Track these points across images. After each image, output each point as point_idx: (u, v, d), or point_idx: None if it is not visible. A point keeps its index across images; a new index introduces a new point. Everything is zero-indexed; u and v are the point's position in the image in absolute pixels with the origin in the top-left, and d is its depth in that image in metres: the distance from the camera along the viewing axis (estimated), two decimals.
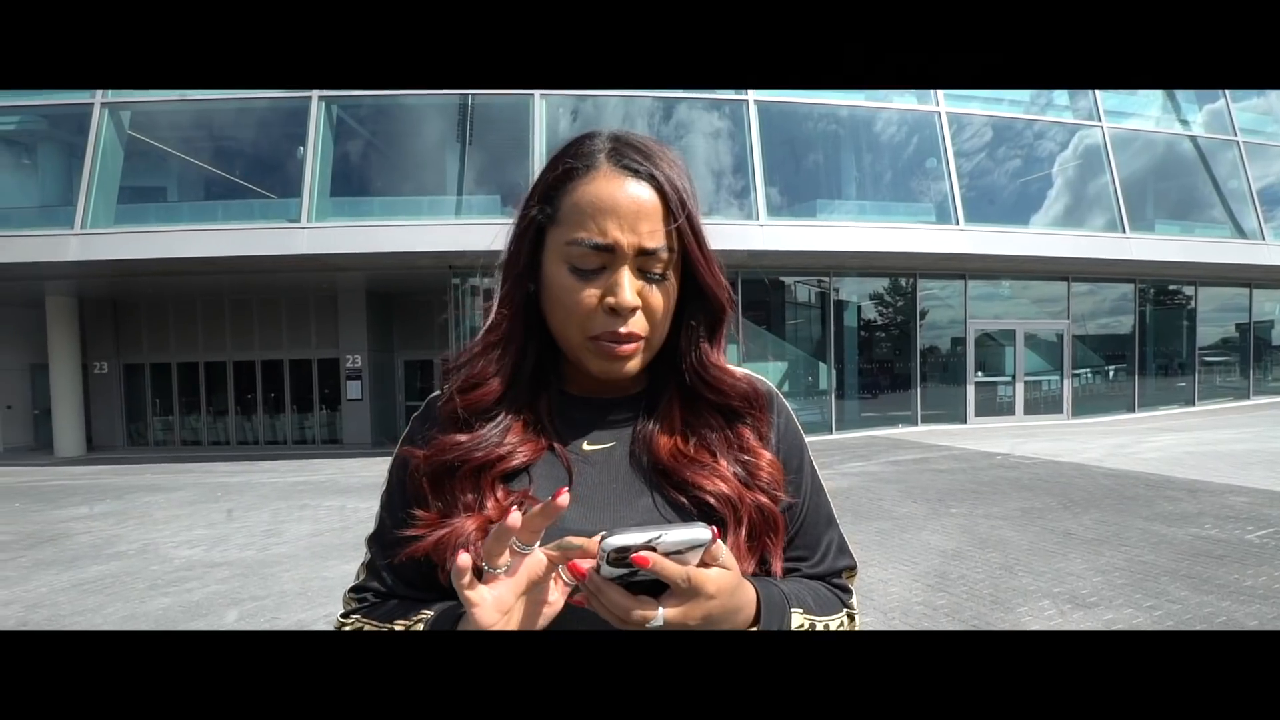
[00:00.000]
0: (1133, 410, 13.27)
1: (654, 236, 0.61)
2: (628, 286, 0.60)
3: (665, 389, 0.69)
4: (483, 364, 0.66)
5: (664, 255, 0.61)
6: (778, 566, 0.65)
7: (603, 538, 0.50)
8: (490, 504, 0.61)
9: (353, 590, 0.71)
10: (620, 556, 0.49)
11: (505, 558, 0.51)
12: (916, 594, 3.54)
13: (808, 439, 0.73)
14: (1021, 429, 11.39)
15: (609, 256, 0.60)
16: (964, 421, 12.22)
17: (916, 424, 12.07)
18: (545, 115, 10.10)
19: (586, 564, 0.51)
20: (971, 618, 3.19)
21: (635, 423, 0.68)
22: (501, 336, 0.66)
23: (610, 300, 0.60)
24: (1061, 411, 12.78)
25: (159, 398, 13.43)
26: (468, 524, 0.60)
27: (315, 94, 9.71)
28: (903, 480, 6.92)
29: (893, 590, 3.61)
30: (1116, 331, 13.57)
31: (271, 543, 5.11)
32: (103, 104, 9.84)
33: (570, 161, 0.63)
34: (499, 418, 0.65)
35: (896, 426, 11.93)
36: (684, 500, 0.63)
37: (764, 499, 0.64)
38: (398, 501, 0.68)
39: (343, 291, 12.46)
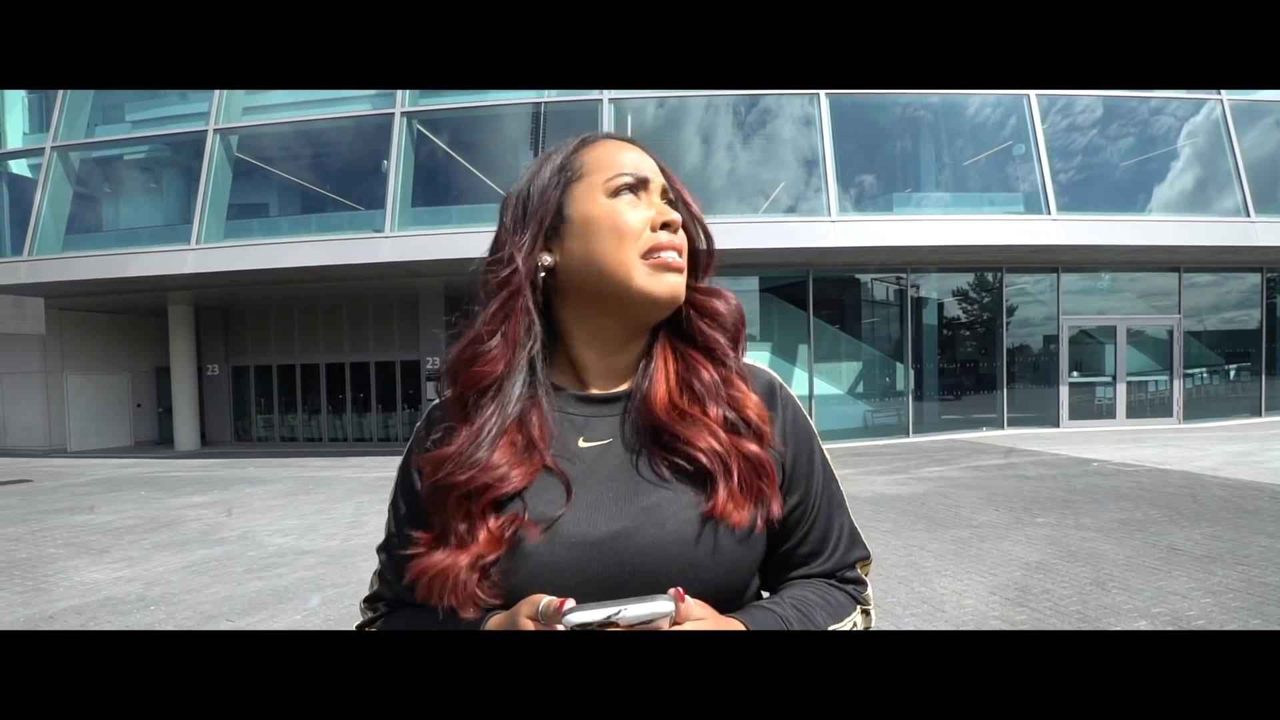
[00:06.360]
0: (1259, 414, 11.94)
1: (659, 177, 0.72)
2: (669, 208, 0.71)
3: (657, 347, 0.72)
4: (489, 338, 0.67)
5: (670, 195, 0.72)
6: (777, 507, 0.65)
7: (564, 615, 0.52)
8: (482, 535, 0.61)
9: (367, 600, 0.75)
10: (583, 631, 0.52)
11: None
12: (994, 608, 3.33)
13: (882, 442, 0.74)
14: (1123, 434, 10.49)
15: (643, 190, 0.70)
16: (1056, 425, 11.38)
17: (1003, 427, 11.36)
18: (614, 118, 10.26)
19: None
20: None
21: (629, 412, 0.69)
22: (511, 312, 0.67)
23: (663, 218, 0.69)
24: (1170, 415, 11.66)
25: (262, 397, 14.63)
26: (460, 560, 0.60)
27: (398, 110, 10.31)
28: (984, 486, 6.53)
29: (967, 603, 3.41)
30: (1241, 326, 12.24)
31: (354, 533, 5.44)
32: (214, 130, 10.84)
33: (573, 139, 0.73)
34: (489, 421, 0.65)
35: (980, 430, 11.27)
36: (677, 459, 0.65)
37: (751, 446, 0.65)
38: (406, 516, 0.70)
39: (423, 297, 13.11)
